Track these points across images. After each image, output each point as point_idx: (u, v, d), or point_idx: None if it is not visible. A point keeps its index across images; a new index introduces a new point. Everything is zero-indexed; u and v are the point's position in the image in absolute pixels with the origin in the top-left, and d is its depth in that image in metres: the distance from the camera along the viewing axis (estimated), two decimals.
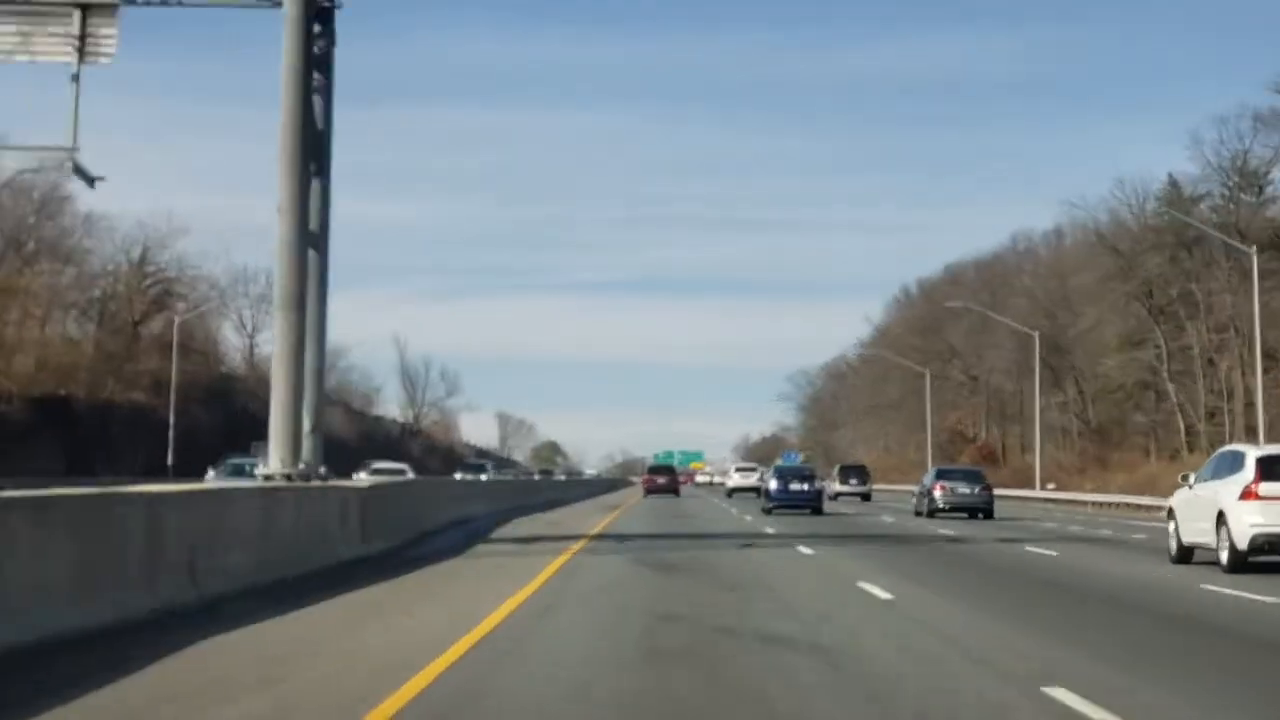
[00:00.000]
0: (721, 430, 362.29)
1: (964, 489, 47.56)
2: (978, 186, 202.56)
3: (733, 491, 79.85)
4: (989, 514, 46.59)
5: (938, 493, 47.42)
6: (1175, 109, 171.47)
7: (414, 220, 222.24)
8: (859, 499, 70.72)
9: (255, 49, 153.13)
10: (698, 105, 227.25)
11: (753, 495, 73.05)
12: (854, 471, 75.96)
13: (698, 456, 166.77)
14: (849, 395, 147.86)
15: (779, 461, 67.02)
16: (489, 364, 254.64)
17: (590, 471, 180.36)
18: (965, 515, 46.64)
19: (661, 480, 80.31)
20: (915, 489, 52.77)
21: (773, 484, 48.91)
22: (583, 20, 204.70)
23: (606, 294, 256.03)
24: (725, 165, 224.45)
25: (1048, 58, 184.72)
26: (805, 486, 48.32)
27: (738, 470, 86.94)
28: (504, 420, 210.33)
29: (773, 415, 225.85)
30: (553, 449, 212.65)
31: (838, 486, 72.25)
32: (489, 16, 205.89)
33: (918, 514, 48.29)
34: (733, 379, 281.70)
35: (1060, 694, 9.62)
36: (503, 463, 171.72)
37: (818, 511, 47.57)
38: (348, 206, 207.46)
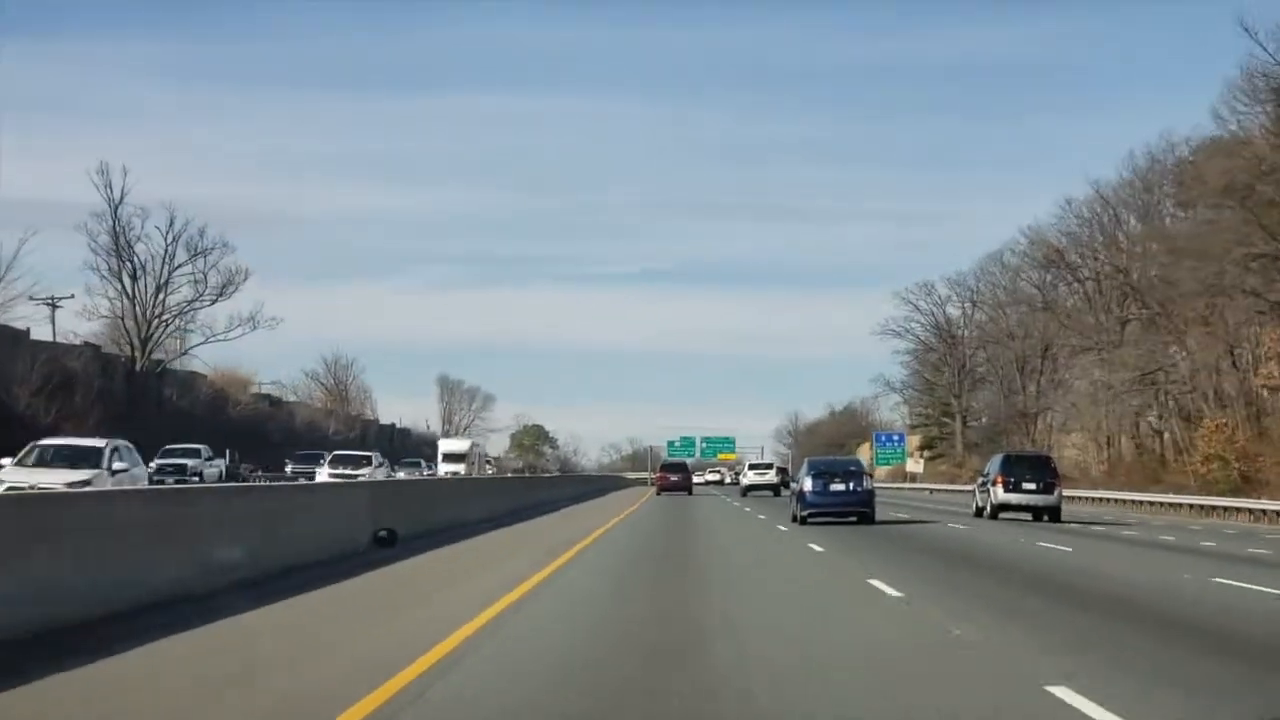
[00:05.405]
0: (756, 423, 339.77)
1: None
2: (1014, 176, 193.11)
3: (747, 490, 79.93)
4: None
5: None
6: None
7: (434, 209, 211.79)
8: (1030, 515, 44.37)
9: None
10: (729, 93, 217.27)
11: (768, 494, 76.98)
12: (1031, 466, 46.22)
13: (726, 445, 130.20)
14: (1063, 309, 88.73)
15: (854, 454, 56.45)
16: (503, 356, 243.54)
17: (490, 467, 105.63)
18: None
19: (675, 478, 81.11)
20: None
21: (808, 485, 38.15)
22: (614, 6, 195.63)
23: (628, 284, 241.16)
24: (757, 154, 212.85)
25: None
26: (850, 486, 38.17)
27: (752, 468, 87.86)
28: (447, 390, 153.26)
29: (852, 379, 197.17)
30: (538, 435, 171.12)
31: (1001, 494, 44.46)
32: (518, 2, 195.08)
33: None
34: (766, 372, 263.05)
35: None
36: (427, 450, 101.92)
37: (867, 520, 37.49)
38: (367, 196, 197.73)
